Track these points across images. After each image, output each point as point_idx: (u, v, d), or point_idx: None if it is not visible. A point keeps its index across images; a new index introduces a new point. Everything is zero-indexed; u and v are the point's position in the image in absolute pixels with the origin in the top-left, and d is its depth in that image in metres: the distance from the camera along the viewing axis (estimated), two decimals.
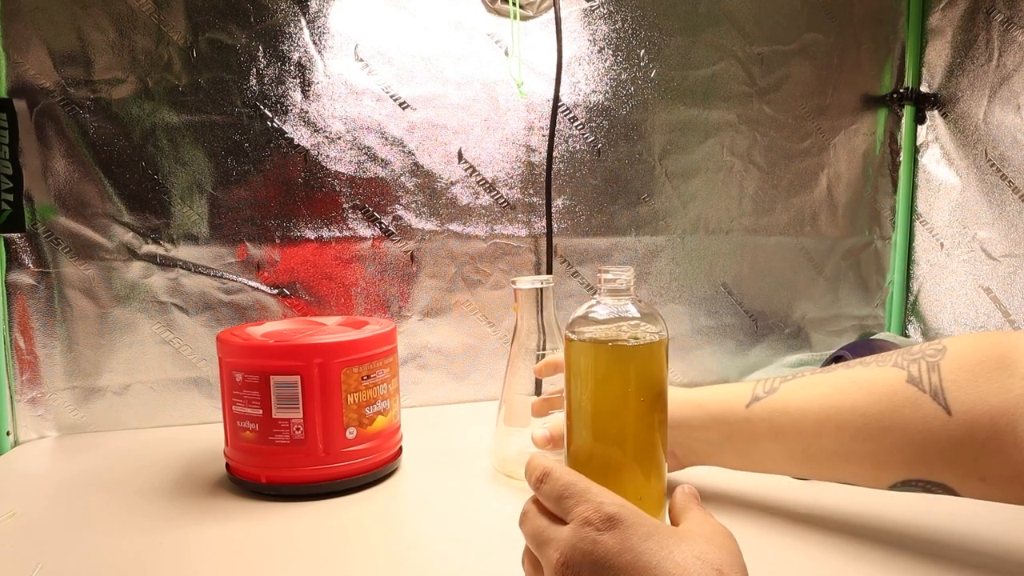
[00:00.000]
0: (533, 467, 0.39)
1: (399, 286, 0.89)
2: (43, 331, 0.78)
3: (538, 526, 0.37)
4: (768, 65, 1.01)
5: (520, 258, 0.93)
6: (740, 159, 1.01)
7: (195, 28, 0.79)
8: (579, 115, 0.93)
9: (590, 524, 0.34)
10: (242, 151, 0.82)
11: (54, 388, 0.78)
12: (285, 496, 0.60)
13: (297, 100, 0.83)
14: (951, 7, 1.02)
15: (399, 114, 0.87)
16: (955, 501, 0.47)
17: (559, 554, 0.34)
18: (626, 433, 0.41)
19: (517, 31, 0.89)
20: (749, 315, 1.04)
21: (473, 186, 0.90)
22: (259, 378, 0.59)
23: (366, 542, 0.52)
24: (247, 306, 0.84)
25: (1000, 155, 0.95)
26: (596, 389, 0.41)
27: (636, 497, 0.39)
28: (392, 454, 0.66)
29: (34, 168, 0.76)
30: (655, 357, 0.41)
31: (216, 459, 0.69)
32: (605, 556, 0.33)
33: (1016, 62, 0.93)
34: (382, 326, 0.66)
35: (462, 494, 0.62)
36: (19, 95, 0.75)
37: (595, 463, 0.41)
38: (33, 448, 0.76)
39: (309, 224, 0.85)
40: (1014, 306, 0.95)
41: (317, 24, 0.83)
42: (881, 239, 1.10)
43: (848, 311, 1.10)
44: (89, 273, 0.78)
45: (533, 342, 0.64)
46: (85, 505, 0.59)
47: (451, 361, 0.92)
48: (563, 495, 0.36)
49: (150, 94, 0.78)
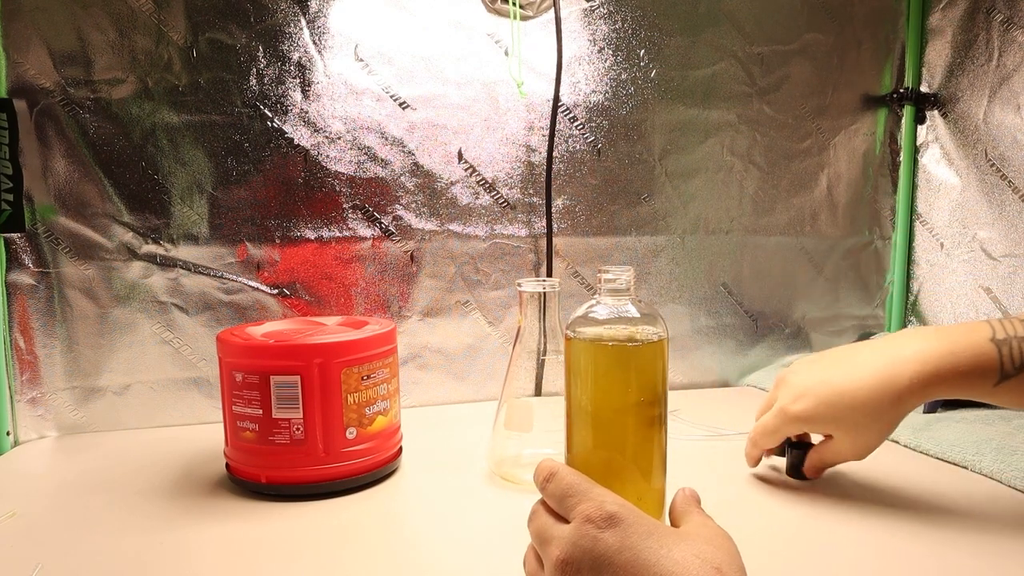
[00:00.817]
0: (540, 468, 0.40)
1: (399, 286, 0.89)
2: (43, 331, 0.78)
3: (542, 524, 0.37)
4: (768, 65, 1.01)
5: (520, 258, 0.93)
6: (740, 159, 1.01)
7: (195, 28, 0.79)
8: (579, 115, 0.93)
9: (590, 522, 0.34)
10: (242, 151, 0.82)
11: (54, 388, 0.78)
12: (285, 496, 0.60)
13: (297, 100, 0.83)
14: (951, 7, 1.02)
15: (399, 114, 0.87)
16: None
17: (560, 551, 0.34)
18: (626, 433, 0.41)
19: (517, 31, 0.89)
20: (749, 315, 1.04)
21: (473, 186, 0.90)
22: (259, 378, 0.59)
23: (366, 542, 0.52)
24: (247, 306, 0.84)
25: (1000, 155, 0.95)
26: (596, 389, 0.41)
27: (636, 497, 0.39)
28: (392, 454, 0.66)
29: (34, 168, 0.76)
30: (655, 357, 0.41)
31: (216, 459, 0.69)
32: (605, 553, 0.33)
33: (1016, 62, 0.93)
34: (382, 326, 0.66)
35: (462, 495, 0.62)
36: (19, 95, 0.75)
37: (595, 462, 0.41)
38: (33, 448, 0.76)
39: (309, 224, 0.85)
40: (1014, 306, 0.95)
41: (317, 24, 0.83)
42: (881, 239, 1.10)
43: (848, 311, 1.10)
44: (89, 273, 0.78)
45: (535, 344, 0.64)
46: (85, 505, 0.59)
47: (451, 361, 0.92)
48: (566, 494, 0.37)
49: (150, 94, 0.78)
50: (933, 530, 0.53)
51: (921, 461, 0.69)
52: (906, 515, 0.56)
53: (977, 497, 0.60)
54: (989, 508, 0.57)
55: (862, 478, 0.64)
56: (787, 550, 0.50)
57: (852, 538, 0.52)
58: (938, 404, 0.79)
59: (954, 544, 0.51)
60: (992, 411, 0.78)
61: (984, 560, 0.49)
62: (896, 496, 0.60)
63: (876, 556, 0.49)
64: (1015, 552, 0.50)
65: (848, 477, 0.64)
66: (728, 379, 1.04)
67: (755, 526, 0.54)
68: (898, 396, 0.49)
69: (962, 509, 0.57)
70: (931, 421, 0.75)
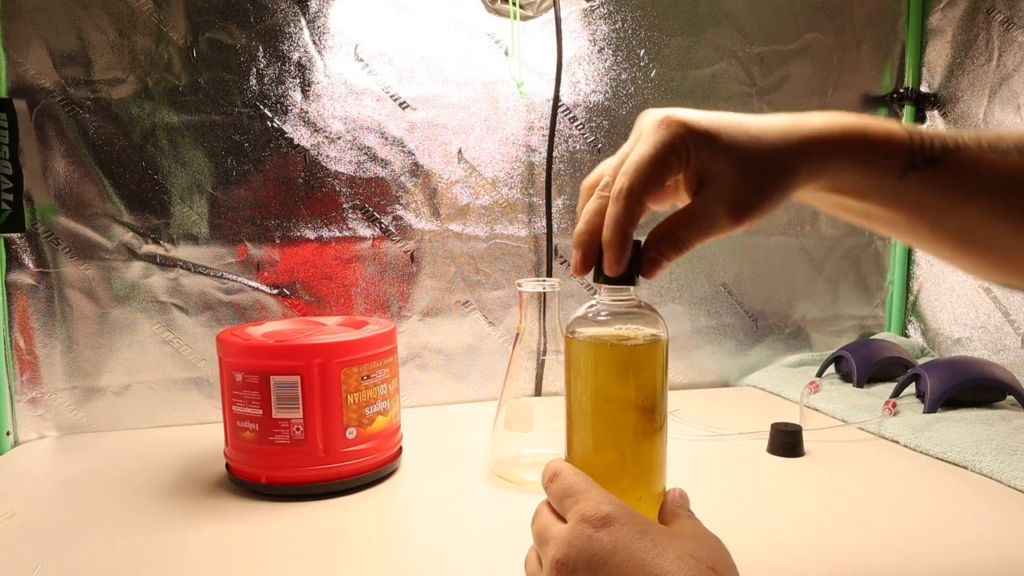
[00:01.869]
0: (547, 468, 0.40)
1: (399, 286, 0.89)
2: (43, 331, 0.78)
3: (543, 524, 0.38)
4: (768, 65, 1.01)
5: (520, 258, 0.93)
6: None
7: (195, 28, 0.79)
8: (579, 115, 0.93)
9: (586, 522, 0.34)
10: (242, 151, 0.82)
11: (54, 388, 0.78)
12: (285, 496, 0.60)
13: (297, 100, 0.83)
14: (951, 7, 1.02)
15: (399, 114, 0.87)
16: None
17: (556, 551, 0.35)
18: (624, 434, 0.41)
19: (517, 31, 0.89)
20: (749, 315, 1.04)
21: (473, 186, 0.91)
22: (259, 378, 0.59)
23: (365, 542, 0.52)
24: (247, 306, 0.84)
25: None
26: (595, 389, 0.41)
27: (634, 497, 0.39)
28: (392, 454, 0.66)
29: (34, 168, 0.76)
30: (654, 357, 0.41)
31: (216, 459, 0.69)
32: (599, 553, 0.33)
33: (1016, 62, 0.93)
34: (382, 326, 0.66)
35: (462, 495, 0.62)
36: (19, 95, 0.75)
37: (594, 463, 0.41)
38: (33, 448, 0.76)
39: (309, 224, 0.85)
40: (1014, 306, 0.95)
41: (317, 24, 0.83)
42: (881, 239, 1.10)
43: (848, 311, 1.10)
44: (89, 273, 0.78)
45: (535, 345, 0.64)
46: (85, 505, 0.59)
47: (451, 361, 0.92)
48: (565, 494, 0.37)
49: (150, 94, 0.78)
50: (933, 530, 0.53)
51: (921, 461, 0.69)
52: (906, 515, 0.56)
53: (977, 497, 0.60)
54: (989, 508, 0.58)
55: (862, 478, 0.64)
56: (786, 550, 0.50)
57: (852, 538, 0.52)
58: (938, 404, 0.79)
59: (954, 544, 0.51)
60: (992, 411, 0.78)
61: (984, 560, 0.49)
62: (896, 496, 0.60)
63: (876, 556, 0.49)
64: (1015, 552, 0.50)
65: (848, 477, 0.64)
66: (728, 379, 1.04)
67: (755, 526, 0.54)
68: (803, 140, 0.38)
69: (962, 509, 0.57)
70: (931, 421, 0.75)
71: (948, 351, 1.04)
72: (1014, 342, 0.94)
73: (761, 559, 0.49)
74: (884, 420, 0.77)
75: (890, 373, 0.92)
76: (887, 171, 0.38)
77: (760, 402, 0.92)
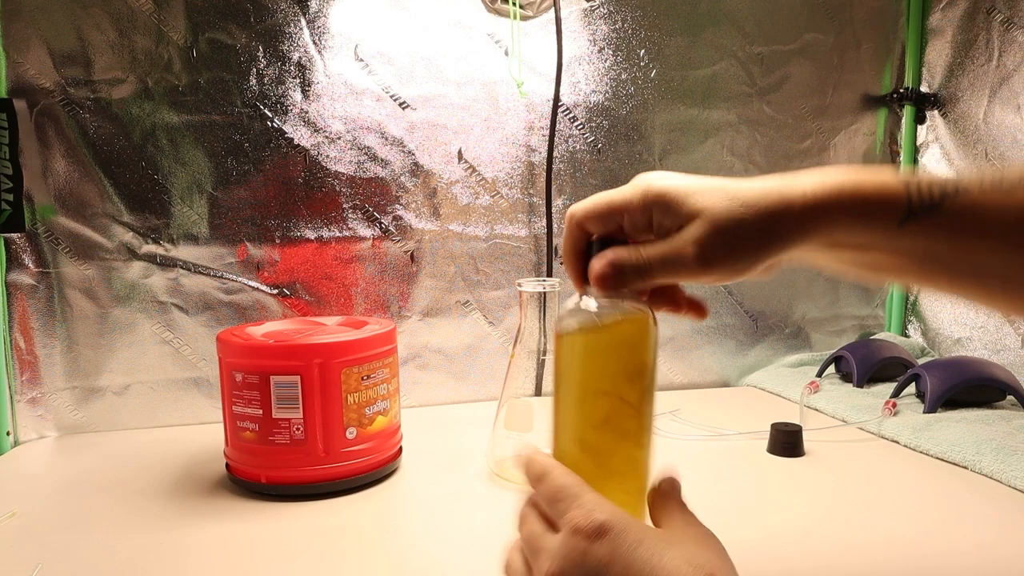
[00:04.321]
0: (532, 463, 0.39)
1: (399, 286, 0.89)
2: (43, 331, 0.78)
3: (533, 532, 0.37)
4: (768, 65, 1.01)
5: (520, 258, 0.93)
6: (740, 159, 1.01)
7: (195, 28, 0.79)
8: (579, 115, 0.93)
9: (580, 532, 0.34)
10: (242, 151, 0.82)
11: (54, 388, 0.78)
12: (285, 496, 0.60)
13: (297, 100, 0.83)
14: (951, 7, 1.02)
15: (399, 114, 0.87)
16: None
17: (550, 564, 0.34)
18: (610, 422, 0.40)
19: (517, 31, 0.89)
20: (749, 315, 1.04)
21: (473, 186, 0.91)
22: (259, 378, 0.59)
23: (365, 542, 0.52)
24: (247, 306, 0.84)
25: (1000, 155, 0.95)
26: (581, 378, 0.41)
27: (622, 491, 0.39)
28: (392, 454, 0.66)
29: (34, 168, 0.76)
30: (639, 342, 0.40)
31: (216, 459, 0.69)
32: (596, 567, 0.33)
33: (1016, 62, 0.93)
34: (382, 326, 0.66)
35: (461, 495, 0.62)
36: (19, 95, 0.75)
37: (580, 455, 0.40)
38: (33, 448, 0.76)
39: (309, 224, 0.85)
40: None
41: (317, 24, 0.83)
42: None
43: (848, 311, 1.10)
44: (89, 273, 0.78)
45: (535, 344, 0.64)
46: (85, 505, 0.59)
47: (451, 361, 0.92)
48: (556, 498, 0.36)
49: (150, 94, 0.78)
50: (933, 530, 0.53)
51: (921, 461, 0.69)
52: (906, 515, 0.56)
53: (977, 497, 0.60)
54: (989, 508, 0.57)
55: (862, 478, 0.64)
56: (786, 551, 0.50)
57: (852, 538, 0.52)
58: (938, 404, 0.79)
59: (954, 544, 0.51)
60: (992, 411, 0.78)
61: (984, 560, 0.49)
62: (896, 496, 0.60)
63: (876, 556, 0.49)
64: (1016, 552, 0.50)
65: (848, 477, 0.64)
66: (728, 379, 1.04)
67: (755, 526, 0.54)
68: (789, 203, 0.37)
69: (962, 509, 0.57)
70: (931, 421, 0.75)
71: (948, 351, 1.04)
72: (1014, 342, 0.94)
73: (761, 559, 0.49)
74: (884, 420, 0.77)
75: (890, 373, 0.92)
76: (883, 224, 0.38)
77: (760, 402, 0.92)
